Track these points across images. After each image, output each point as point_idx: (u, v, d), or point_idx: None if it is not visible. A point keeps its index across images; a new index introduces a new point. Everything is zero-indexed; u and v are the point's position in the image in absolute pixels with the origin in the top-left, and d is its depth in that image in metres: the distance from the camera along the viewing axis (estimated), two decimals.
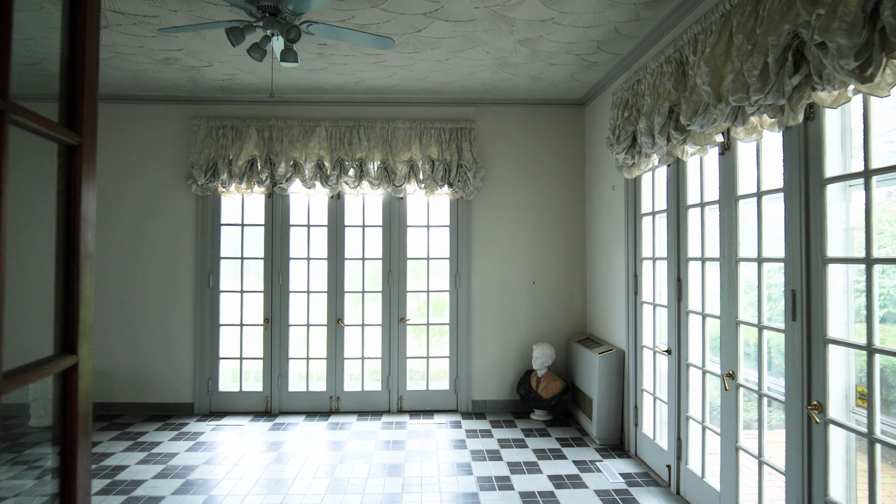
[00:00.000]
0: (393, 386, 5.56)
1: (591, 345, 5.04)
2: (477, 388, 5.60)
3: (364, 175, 5.44)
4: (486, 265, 5.64)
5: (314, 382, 5.71)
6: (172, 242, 5.55)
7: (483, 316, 5.62)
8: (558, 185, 5.69)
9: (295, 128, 5.47)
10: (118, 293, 5.54)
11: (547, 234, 5.67)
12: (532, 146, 5.70)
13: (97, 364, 5.53)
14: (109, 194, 5.55)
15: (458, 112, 5.66)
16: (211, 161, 5.39)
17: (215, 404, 5.55)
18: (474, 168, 5.46)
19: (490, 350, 5.62)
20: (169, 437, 4.84)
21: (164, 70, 4.75)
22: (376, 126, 5.48)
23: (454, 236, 5.64)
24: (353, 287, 5.72)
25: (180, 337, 5.54)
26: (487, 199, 5.66)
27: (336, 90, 5.33)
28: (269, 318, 5.57)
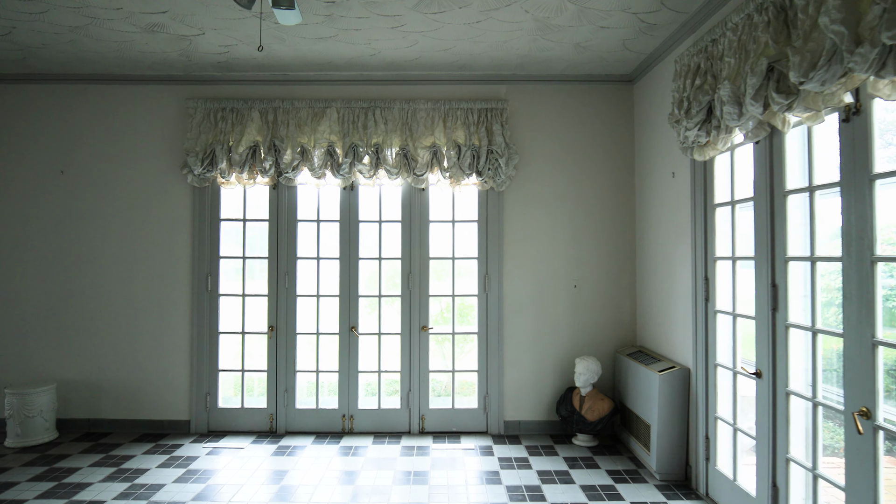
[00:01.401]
0: (414, 403, 4.87)
1: (645, 359, 4.29)
2: (510, 406, 4.88)
3: (381, 163, 4.76)
4: (519, 266, 4.92)
5: (325, 398, 5.05)
6: (166, 240, 4.94)
7: (516, 324, 4.90)
8: (603, 174, 4.94)
9: (302, 110, 4.81)
10: (106, 296, 4.94)
11: (590, 231, 4.92)
12: (572, 129, 4.96)
13: (83, 376, 4.94)
14: (96, 187, 4.96)
15: (487, 90, 4.94)
16: (208, 148, 4.76)
17: (214, 422, 4.92)
18: (507, 154, 4.74)
19: (524, 364, 4.90)
20: (157, 462, 4.22)
21: (150, 41, 4.12)
22: (395, 107, 4.80)
23: (483, 233, 4.92)
24: (368, 290, 5.04)
25: (175, 346, 4.92)
26: (521, 190, 4.94)
27: (349, 65, 4.66)
28: (273, 326, 4.92)
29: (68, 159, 4.96)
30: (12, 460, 4.28)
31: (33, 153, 4.97)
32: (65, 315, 4.95)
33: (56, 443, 4.64)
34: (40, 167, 4.96)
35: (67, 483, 3.84)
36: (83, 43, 4.17)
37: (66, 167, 4.96)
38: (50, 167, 4.96)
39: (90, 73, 4.87)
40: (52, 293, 4.96)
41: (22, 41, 4.16)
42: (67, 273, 4.95)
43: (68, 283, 4.95)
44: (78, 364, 4.95)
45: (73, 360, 4.95)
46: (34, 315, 4.96)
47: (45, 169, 4.96)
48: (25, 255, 4.96)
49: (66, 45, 4.23)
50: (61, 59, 4.53)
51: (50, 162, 4.96)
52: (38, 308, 4.96)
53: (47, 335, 4.96)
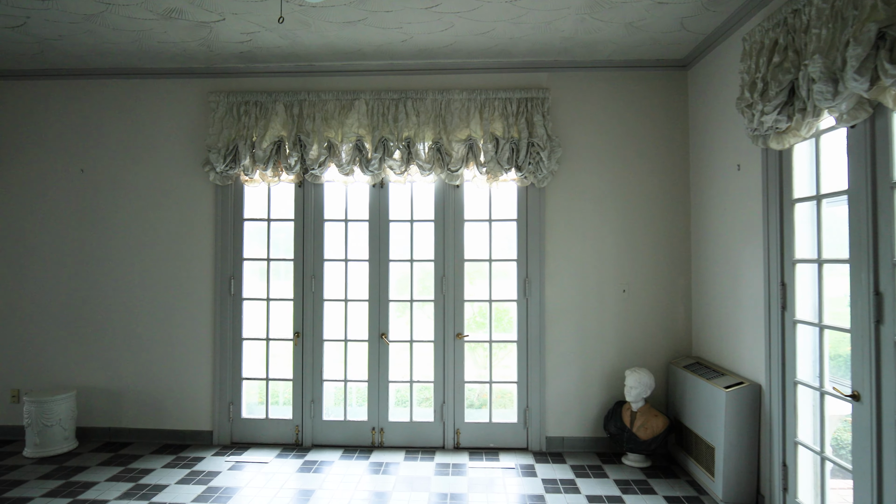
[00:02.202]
0: (448, 416, 4.53)
1: (705, 373, 3.86)
2: (552, 421, 4.50)
3: (412, 158, 4.43)
4: (562, 269, 4.53)
5: (353, 410, 4.74)
6: (188, 241, 4.70)
7: (559, 332, 4.51)
8: (654, 169, 4.52)
9: (329, 102, 4.51)
10: (127, 300, 4.73)
11: (640, 230, 4.51)
12: (619, 120, 4.55)
13: (104, 383, 4.74)
14: (116, 186, 4.75)
15: (527, 79, 4.57)
16: (231, 143, 4.50)
17: (237, 433, 4.66)
18: (549, 147, 4.36)
19: (568, 375, 4.50)
20: (177, 477, 3.97)
21: (169, 29, 3.87)
22: (427, 98, 4.46)
23: (522, 233, 4.55)
24: (399, 295, 4.72)
25: (197, 353, 4.68)
26: (564, 186, 4.55)
27: (378, 53, 4.34)
28: (299, 332, 4.64)
29: (88, 157, 4.77)
30: (29, 472, 4.09)
31: (53, 151, 4.79)
32: (85, 319, 4.76)
33: (75, 453, 4.44)
34: (60, 166, 4.78)
35: (82, 501, 3.60)
36: (100, 33, 3.95)
37: (86, 166, 4.76)
38: (70, 166, 4.77)
39: (110, 68, 4.67)
40: (72, 296, 4.77)
41: (37, 33, 3.96)
42: (87, 275, 4.76)
43: (88, 285, 4.76)
44: (98, 370, 4.75)
45: (94, 366, 4.75)
46: (54, 318, 4.78)
47: (64, 168, 4.78)
48: (45, 257, 4.79)
49: (83, 36, 4.01)
50: (79, 52, 4.32)
51: (70, 160, 4.78)
52: (58, 311, 4.78)
53: (67, 340, 4.78)
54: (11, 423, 4.78)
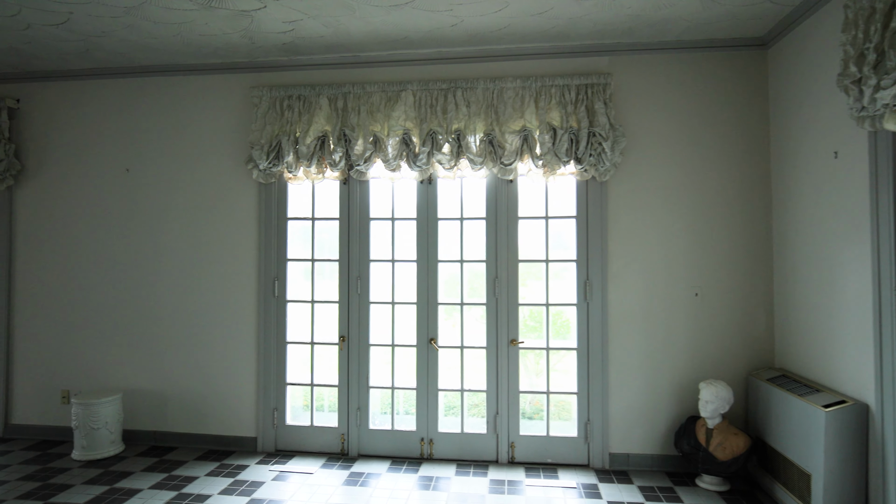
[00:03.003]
0: (502, 428, 4.22)
1: (795, 387, 3.41)
2: (616, 436, 4.13)
3: (463, 151, 4.14)
4: (627, 270, 4.14)
5: (401, 419, 4.50)
6: (232, 241, 4.56)
7: (624, 339, 4.13)
8: (730, 160, 4.08)
9: (375, 94, 4.28)
10: (171, 301, 4.63)
11: (714, 227, 4.07)
12: (690, 107, 4.12)
13: (149, 386, 4.67)
14: (160, 185, 4.66)
15: (587, 64, 4.20)
16: (274, 140, 4.32)
17: (282, 441, 4.49)
18: (612, 137, 3.99)
19: (634, 386, 4.12)
20: (220, 487, 3.81)
21: (210, 20, 3.71)
22: (478, 87, 4.16)
23: (583, 231, 4.19)
24: (448, 297, 4.44)
25: (241, 356, 4.54)
26: (628, 180, 4.16)
27: (426, 40, 4.07)
28: (345, 336, 4.43)
29: (133, 157, 4.70)
30: (76, 476, 4.03)
31: (99, 151, 4.75)
32: (130, 320, 4.70)
33: (121, 457, 4.37)
34: (106, 165, 4.73)
35: None
36: (142, 27, 3.83)
37: (131, 165, 4.70)
38: (115, 165, 4.72)
39: (154, 65, 4.58)
40: (117, 297, 4.71)
41: (82, 29, 3.87)
42: (132, 276, 4.69)
43: (133, 286, 4.69)
44: (143, 373, 4.67)
45: (139, 368, 4.68)
46: (100, 320, 4.74)
47: (110, 167, 4.73)
48: (92, 258, 4.75)
49: (125, 32, 3.90)
50: (123, 49, 4.23)
51: (115, 160, 4.72)
52: (104, 312, 4.73)
53: (113, 342, 4.73)
54: (63, 423, 4.77)
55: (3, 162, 4.69)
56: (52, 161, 4.82)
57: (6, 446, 4.63)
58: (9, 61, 4.54)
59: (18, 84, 4.85)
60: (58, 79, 4.77)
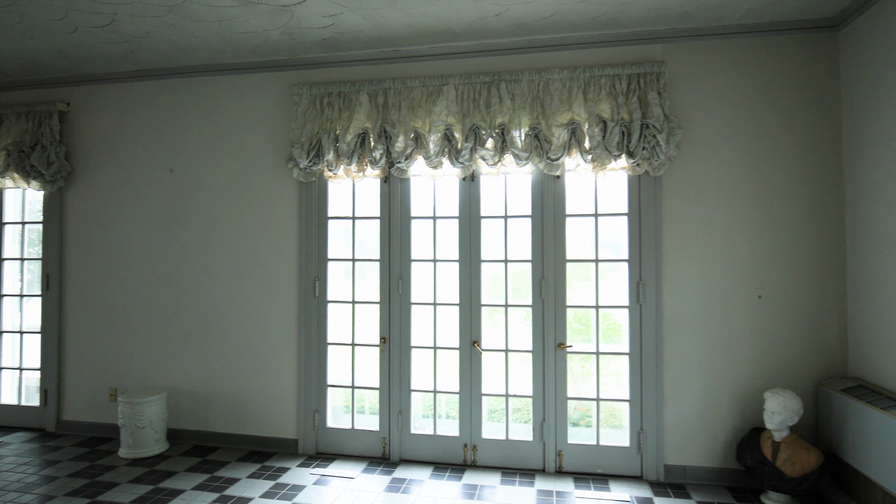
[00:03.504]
0: (549, 435, 4.04)
1: (875, 399, 3.11)
2: (672, 447, 3.88)
3: (507, 146, 3.98)
4: (683, 270, 3.89)
5: (443, 423, 4.37)
6: (273, 241, 4.53)
7: (680, 344, 3.88)
8: (796, 152, 3.77)
9: (416, 89, 4.16)
10: (213, 301, 4.63)
11: (779, 224, 3.78)
12: (752, 95, 3.84)
13: (192, 386, 4.68)
14: (202, 185, 4.67)
15: (639, 52, 3.97)
16: (314, 137, 4.26)
17: (323, 443, 4.42)
18: (666, 129, 3.75)
19: (691, 394, 3.87)
20: (261, 490, 3.76)
21: (250, 17, 3.66)
22: (523, 79, 3.99)
23: (635, 229, 3.96)
24: (492, 299, 4.28)
25: (282, 357, 4.50)
26: (684, 174, 3.91)
27: (469, 32, 3.92)
28: (386, 337, 4.33)
29: (176, 157, 4.72)
30: (123, 474, 4.06)
31: (143, 152, 4.80)
32: (174, 320, 4.72)
33: (165, 456, 4.39)
34: (150, 166, 4.78)
35: None
36: (183, 27, 3.81)
37: (174, 165, 4.72)
38: (159, 166, 4.75)
39: (195, 65, 4.58)
40: (162, 296, 4.75)
41: (125, 30, 3.89)
42: (176, 276, 4.72)
43: (176, 286, 4.72)
44: (187, 372, 4.69)
45: (182, 368, 4.71)
46: (145, 319, 4.78)
47: (154, 168, 4.77)
48: (138, 258, 4.80)
49: (167, 31, 3.90)
50: (165, 49, 4.24)
51: (159, 160, 4.76)
52: (149, 312, 4.78)
53: (157, 340, 4.76)
54: (110, 421, 4.84)
55: (54, 164, 4.79)
56: (99, 163, 4.89)
57: (58, 442, 4.73)
58: (59, 66, 4.63)
59: (68, 88, 4.95)
60: (104, 82, 4.84)
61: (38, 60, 4.49)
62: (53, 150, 4.79)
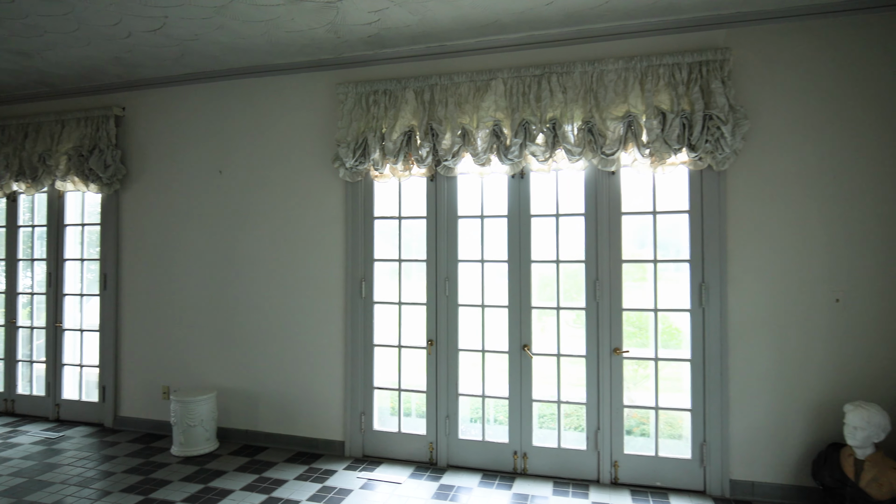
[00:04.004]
0: (604, 445, 3.84)
1: None
2: (738, 461, 3.62)
3: (558, 141, 3.80)
4: (750, 272, 3.63)
5: (492, 429, 4.23)
6: (320, 241, 4.50)
7: (747, 350, 3.62)
8: (879, 143, 3.45)
9: (463, 85, 4.04)
10: (261, 301, 4.65)
11: (860, 221, 3.46)
12: (828, 82, 3.53)
13: (241, 386, 4.71)
14: (250, 186, 4.69)
15: (700, 39, 3.72)
16: (360, 136, 4.20)
17: (369, 446, 4.37)
18: (732, 120, 3.49)
19: (760, 405, 3.60)
20: (309, 493, 3.73)
21: (296, 15, 3.62)
22: (575, 71, 3.81)
23: (697, 227, 3.72)
24: (543, 301, 4.12)
25: (329, 359, 4.47)
26: (752, 169, 3.64)
27: (518, 23, 3.77)
28: (433, 340, 4.23)
29: (226, 158, 4.77)
30: (174, 472, 4.11)
31: (194, 154, 4.87)
32: (223, 320, 4.77)
33: (215, 455, 4.43)
34: (200, 168, 4.84)
35: None
36: (231, 28, 3.82)
37: (224, 166, 4.77)
38: (209, 167, 4.81)
39: (243, 66, 4.61)
40: (212, 296, 4.81)
41: (176, 34, 3.93)
42: (225, 276, 4.76)
43: (226, 286, 4.76)
44: (236, 372, 4.73)
45: (232, 367, 4.75)
46: (196, 319, 4.85)
47: (205, 170, 4.83)
48: (188, 258, 4.88)
49: (216, 33, 3.92)
50: (214, 51, 4.27)
51: (209, 162, 4.82)
52: (200, 312, 4.84)
53: (207, 340, 4.82)
54: (163, 418, 4.94)
55: (110, 167, 4.92)
56: (152, 165, 5.00)
57: (115, 437, 4.86)
58: (115, 71, 4.74)
59: (124, 93, 5.08)
60: (157, 86, 4.94)
61: (96, 66, 4.61)
62: (110, 153, 4.92)
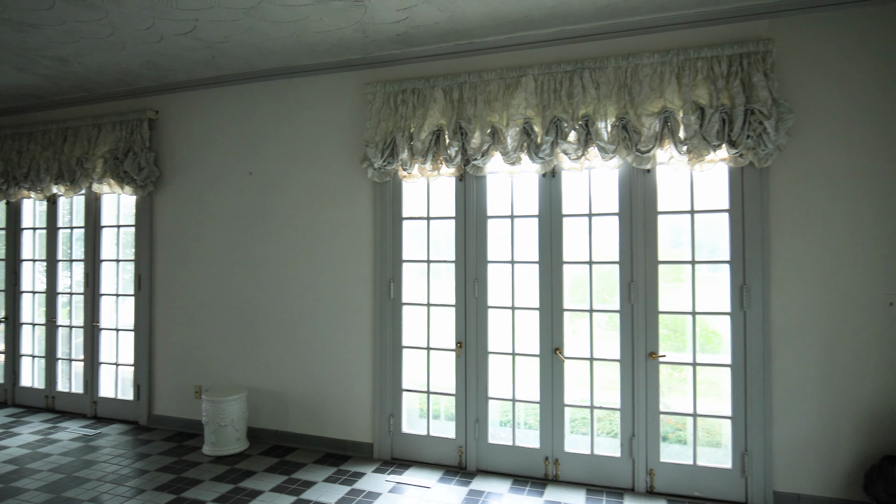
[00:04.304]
0: (639, 452, 3.72)
1: None
2: (782, 472, 3.45)
3: (591, 139, 3.69)
4: (795, 274, 3.45)
5: (522, 434, 4.15)
6: (348, 242, 4.49)
7: (792, 356, 3.45)
8: None
9: (492, 82, 3.96)
10: (290, 302, 4.66)
11: None
12: (881, 72, 3.34)
13: (271, 386, 4.73)
14: (279, 187, 4.71)
15: (741, 30, 3.57)
16: (389, 136, 4.16)
17: (398, 449, 4.33)
18: (775, 114, 3.33)
19: (806, 414, 3.42)
20: (337, 496, 3.70)
21: (324, 15, 3.60)
22: (608, 66, 3.69)
23: (737, 227, 3.56)
24: (575, 303, 4.01)
25: (358, 360, 4.44)
26: (798, 165, 3.47)
27: (549, 18, 3.68)
28: (462, 342, 4.16)
29: (255, 160, 4.79)
30: (206, 471, 4.14)
31: (225, 156, 4.91)
32: (253, 320, 4.80)
33: (245, 455, 4.46)
34: (230, 170, 4.88)
35: None
36: (260, 29, 3.82)
37: (253, 168, 4.80)
38: (239, 169, 4.85)
39: (273, 68, 4.62)
40: (241, 297, 4.84)
41: (206, 36, 3.96)
42: (255, 277, 4.79)
43: (255, 287, 4.79)
44: (265, 372, 4.75)
45: (261, 367, 4.77)
46: (227, 319, 4.89)
47: (234, 171, 4.86)
48: (219, 259, 4.93)
49: (245, 35, 3.93)
50: (244, 53, 4.29)
51: (239, 164, 4.85)
52: (230, 312, 4.88)
53: (238, 341, 4.86)
54: (195, 417, 4.99)
55: (144, 170, 5.00)
56: (184, 167, 5.06)
57: (149, 436, 4.93)
58: (148, 75, 4.82)
59: (157, 96, 5.16)
60: (189, 89, 5.00)
61: (130, 70, 4.69)
62: (144, 156, 5.00)
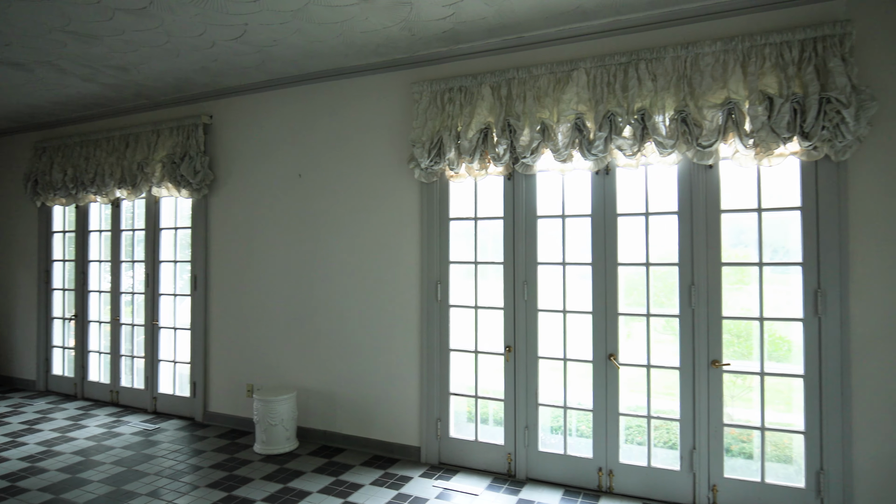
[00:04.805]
0: (700, 466, 3.49)
1: None
2: (865, 495, 3.16)
3: (648, 134, 3.50)
4: (878, 277, 3.15)
5: (574, 442, 3.98)
6: (395, 243, 4.45)
7: (874, 366, 3.15)
8: None
9: (542, 77, 3.82)
10: (339, 303, 4.67)
11: None
12: None
13: (320, 386, 4.76)
14: (328, 189, 4.72)
15: (814, 12, 3.29)
16: (435, 136, 4.09)
17: (445, 453, 4.25)
18: (855, 102, 3.04)
19: (891, 430, 3.11)
20: (383, 501, 3.66)
21: (370, 14, 3.57)
22: (666, 57, 3.49)
23: (811, 226, 3.29)
24: (631, 307, 3.82)
25: (405, 362, 4.40)
26: (881, 158, 3.16)
27: (601, 8, 3.51)
28: (511, 346, 4.04)
29: (304, 162, 4.83)
30: (256, 470, 4.19)
31: (275, 158, 4.97)
32: (303, 321, 4.84)
33: (294, 454, 4.49)
34: (281, 172, 4.94)
35: None
36: (308, 31, 3.83)
37: (303, 170, 4.83)
38: (289, 171, 4.90)
39: (321, 70, 4.64)
40: (292, 298, 4.89)
41: (256, 41, 4.00)
42: (304, 278, 4.83)
43: (305, 288, 4.82)
44: (315, 373, 4.78)
45: (311, 368, 4.80)
46: (278, 320, 4.96)
47: (285, 174, 4.92)
48: (270, 260, 5.00)
49: (293, 37, 3.95)
50: (293, 56, 4.33)
51: (289, 166, 4.90)
52: (281, 312, 4.94)
53: (289, 341, 4.91)
54: (247, 415, 5.08)
55: (199, 173, 5.13)
56: (237, 170, 5.16)
57: (204, 432, 5.06)
58: (202, 81, 4.94)
59: (211, 102, 5.29)
60: (241, 93, 5.09)
61: (185, 77, 4.82)
62: (199, 160, 5.14)
